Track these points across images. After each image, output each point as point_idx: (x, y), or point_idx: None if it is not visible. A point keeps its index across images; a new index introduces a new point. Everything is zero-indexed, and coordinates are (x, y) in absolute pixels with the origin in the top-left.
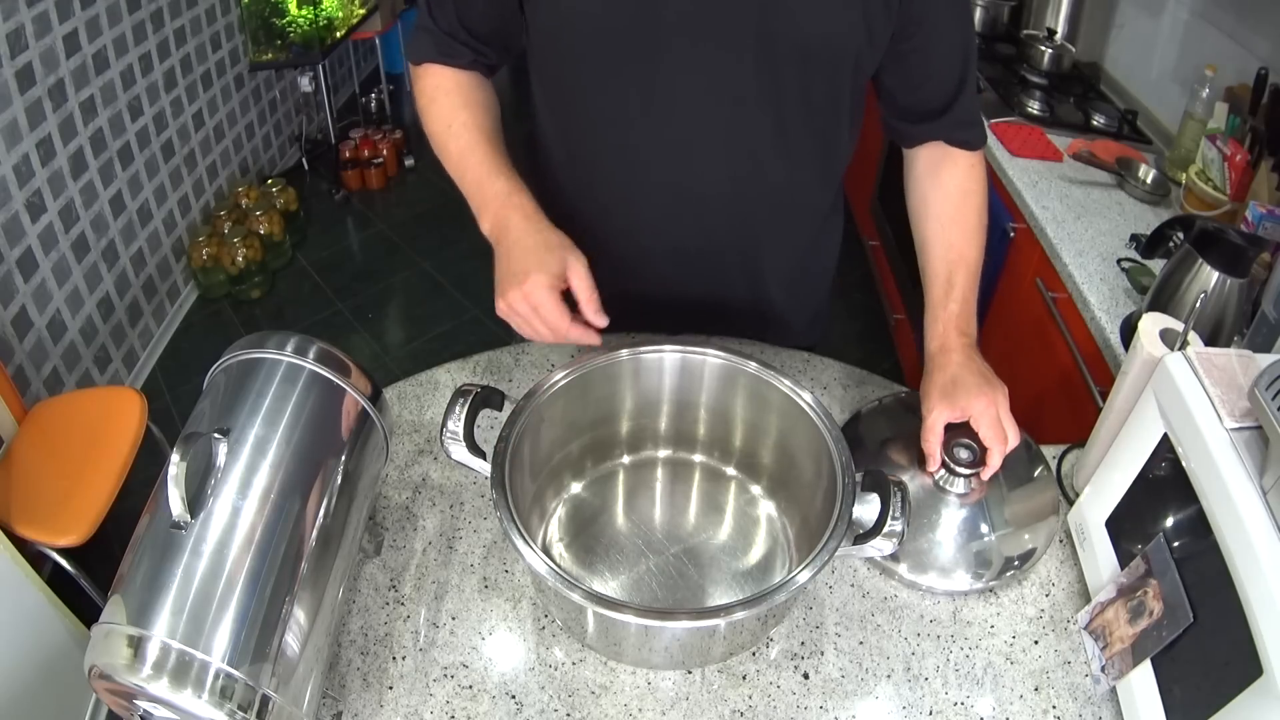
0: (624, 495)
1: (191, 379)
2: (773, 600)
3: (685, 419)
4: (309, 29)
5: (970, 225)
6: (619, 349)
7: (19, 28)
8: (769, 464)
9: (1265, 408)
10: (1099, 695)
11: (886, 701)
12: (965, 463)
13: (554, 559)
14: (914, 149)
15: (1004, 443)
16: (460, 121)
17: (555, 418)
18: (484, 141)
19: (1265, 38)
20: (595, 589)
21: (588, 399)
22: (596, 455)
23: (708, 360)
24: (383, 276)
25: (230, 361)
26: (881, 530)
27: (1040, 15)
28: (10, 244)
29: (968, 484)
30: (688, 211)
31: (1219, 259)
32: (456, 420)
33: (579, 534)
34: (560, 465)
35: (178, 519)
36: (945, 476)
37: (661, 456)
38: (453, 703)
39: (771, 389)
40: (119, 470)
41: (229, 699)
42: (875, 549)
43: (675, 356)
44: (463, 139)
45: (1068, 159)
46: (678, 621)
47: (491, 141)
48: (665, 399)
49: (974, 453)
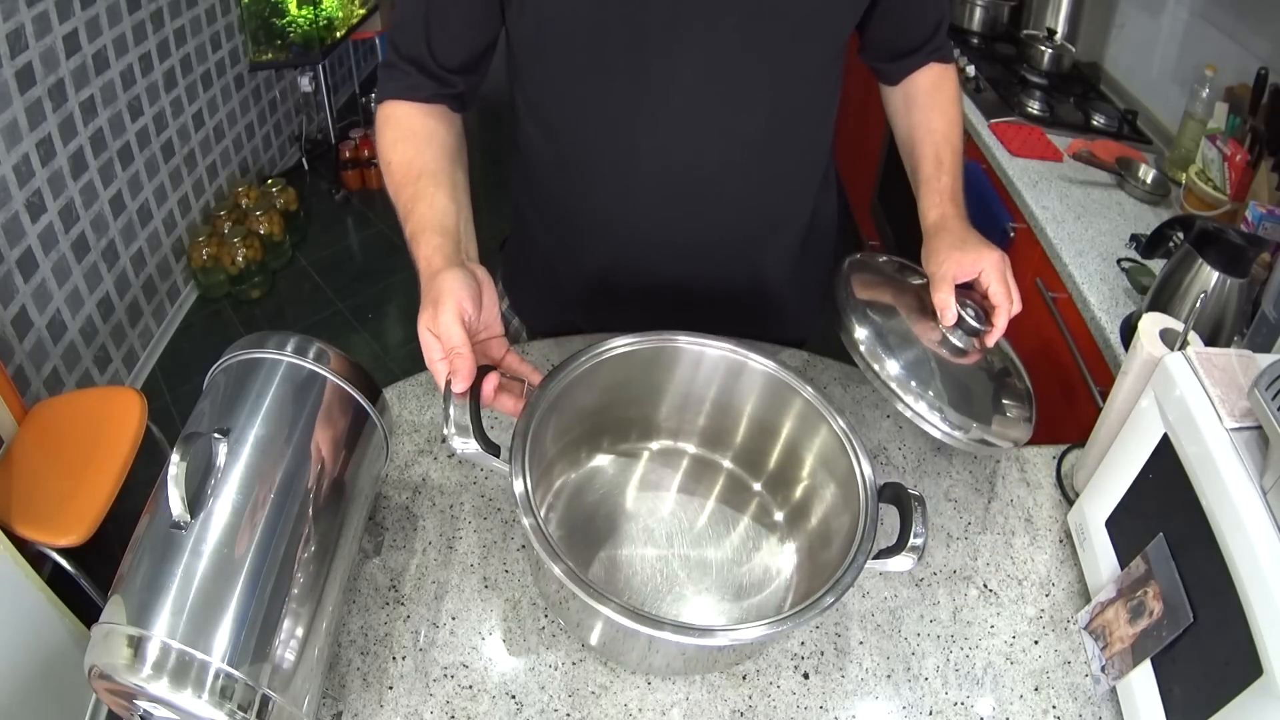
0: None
1: (191, 379)
2: (800, 620)
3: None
4: (309, 29)
5: (950, 113)
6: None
7: (19, 28)
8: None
9: (1265, 408)
10: (1099, 695)
11: (886, 701)
12: (975, 319)
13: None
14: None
15: (1010, 302)
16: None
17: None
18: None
19: (1265, 38)
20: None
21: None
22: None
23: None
24: (383, 276)
25: (230, 361)
26: (905, 546)
27: (1040, 15)
28: (10, 244)
29: (972, 344)
30: (685, 199)
31: (1219, 259)
32: (462, 412)
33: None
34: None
35: (178, 519)
36: (953, 333)
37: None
38: (453, 703)
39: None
40: (119, 470)
41: (229, 699)
42: (897, 565)
43: (717, 354)
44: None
45: (1068, 159)
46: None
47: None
48: (707, 397)
49: (979, 314)
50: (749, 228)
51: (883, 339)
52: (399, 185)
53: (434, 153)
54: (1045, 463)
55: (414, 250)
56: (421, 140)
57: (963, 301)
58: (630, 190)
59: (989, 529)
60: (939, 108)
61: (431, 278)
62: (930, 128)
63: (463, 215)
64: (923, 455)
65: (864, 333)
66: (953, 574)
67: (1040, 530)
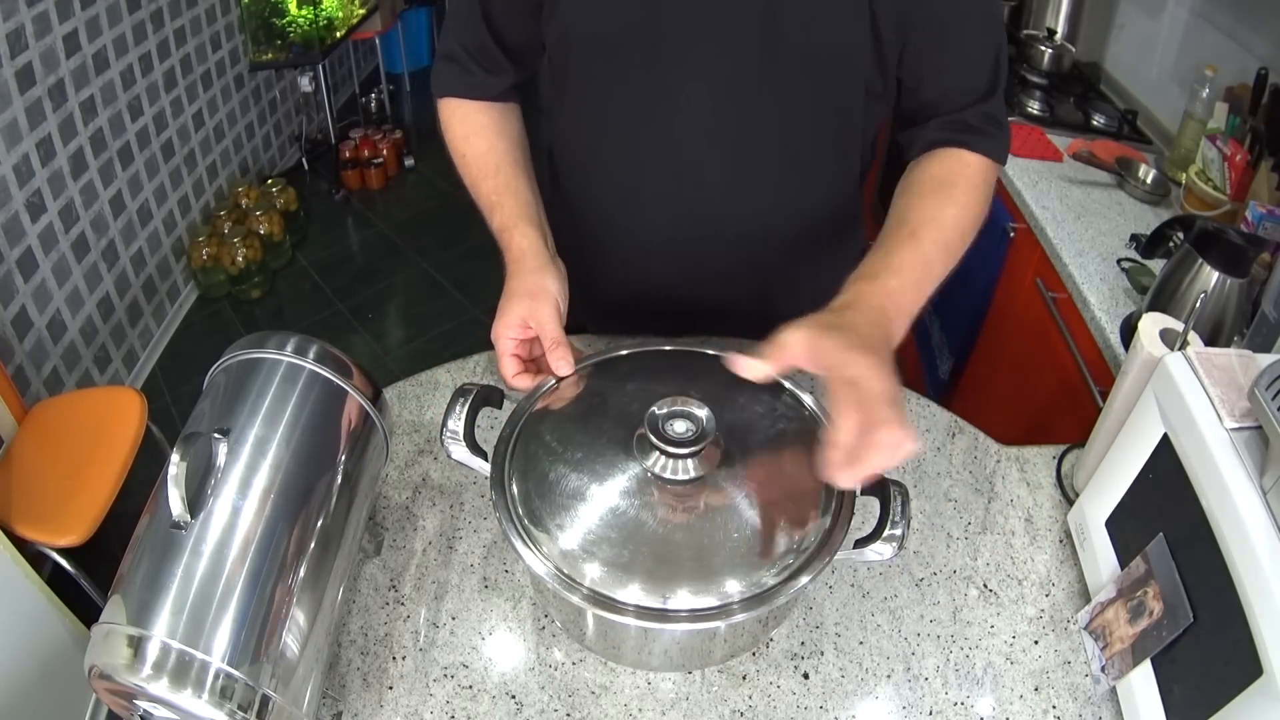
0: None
1: (191, 379)
2: (772, 602)
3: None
4: (309, 29)
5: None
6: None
7: (19, 28)
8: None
9: (1265, 408)
10: (1099, 695)
11: (886, 701)
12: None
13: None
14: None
15: (861, 453)
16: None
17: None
18: (504, 181)
19: (1265, 38)
20: (595, 587)
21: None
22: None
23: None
24: (383, 276)
25: (230, 361)
26: (881, 535)
27: (1040, 15)
28: (10, 244)
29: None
30: (692, 220)
31: (1219, 259)
32: (457, 419)
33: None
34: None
35: (178, 519)
36: None
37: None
38: (453, 703)
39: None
40: (119, 470)
41: (229, 699)
42: (875, 553)
43: (675, 352)
44: (479, 176)
45: (1068, 159)
46: (676, 625)
47: (513, 173)
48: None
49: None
50: (755, 249)
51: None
52: (478, 178)
53: (506, 145)
54: (1045, 463)
55: (505, 239)
56: (493, 133)
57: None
58: (639, 204)
59: (989, 529)
60: (946, 197)
61: (531, 271)
62: (919, 207)
63: (541, 206)
64: (922, 456)
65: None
66: (953, 574)
67: (1040, 530)
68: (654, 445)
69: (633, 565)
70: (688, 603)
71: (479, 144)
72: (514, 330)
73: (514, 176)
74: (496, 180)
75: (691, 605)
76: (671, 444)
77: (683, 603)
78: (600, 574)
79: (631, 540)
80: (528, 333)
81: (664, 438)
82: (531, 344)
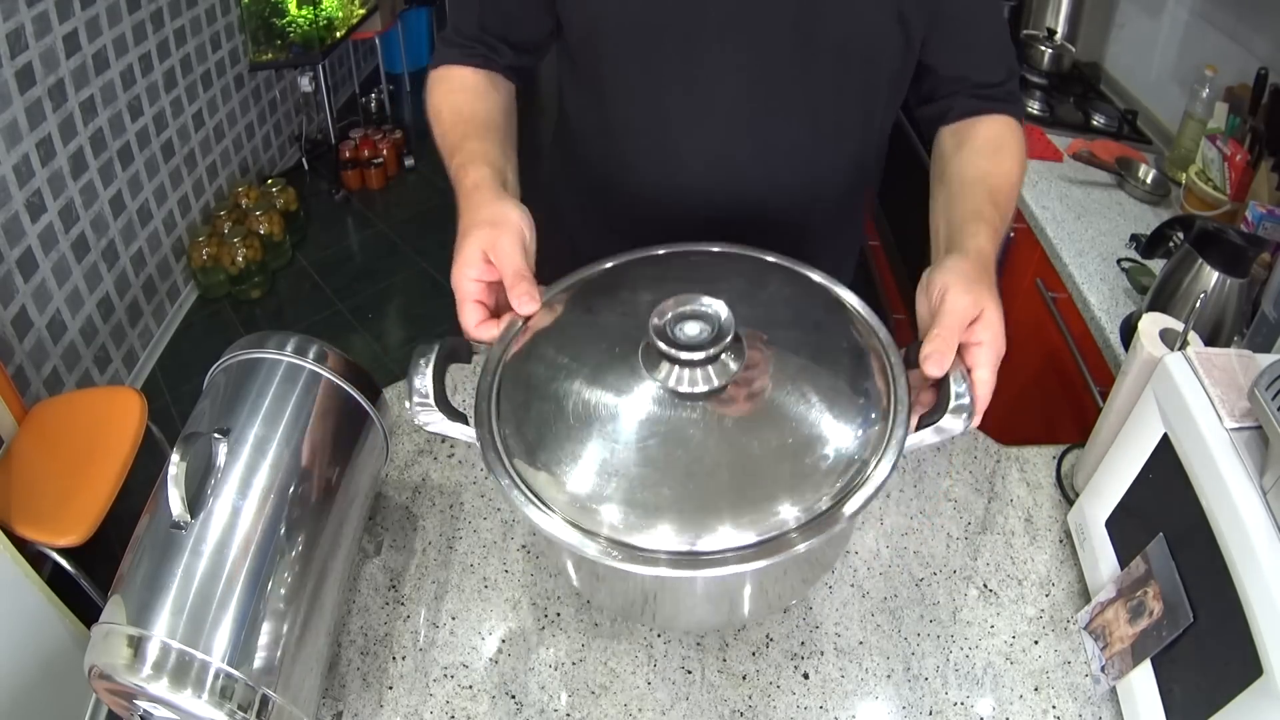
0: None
1: (191, 379)
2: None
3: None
4: (309, 29)
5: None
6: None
7: (19, 28)
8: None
9: (1265, 408)
10: (1099, 695)
11: (886, 701)
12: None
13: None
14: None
15: (991, 386)
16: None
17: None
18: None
19: (1265, 38)
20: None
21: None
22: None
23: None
24: (383, 276)
25: (230, 361)
26: (947, 407)
27: (1040, 15)
28: (10, 244)
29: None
30: (725, 210)
31: (1219, 259)
32: (423, 378)
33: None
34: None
35: (178, 519)
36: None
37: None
38: (453, 703)
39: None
40: (119, 470)
41: (229, 699)
42: (944, 431)
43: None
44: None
45: (1068, 159)
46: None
47: (484, 127)
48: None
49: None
50: (775, 231)
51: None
52: (448, 128)
53: (487, 106)
54: (1045, 463)
55: (460, 179)
56: (476, 94)
57: None
58: (672, 196)
59: (989, 529)
60: (1001, 158)
61: (489, 201)
62: (986, 172)
63: (511, 165)
64: (922, 455)
65: None
66: (953, 574)
67: (1040, 530)
68: (663, 354)
69: (659, 505)
70: (730, 540)
71: (458, 99)
72: (475, 268)
73: (485, 130)
74: (467, 128)
75: (735, 543)
76: (684, 349)
77: (724, 541)
78: (620, 521)
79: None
80: (491, 273)
81: (674, 344)
82: (497, 290)
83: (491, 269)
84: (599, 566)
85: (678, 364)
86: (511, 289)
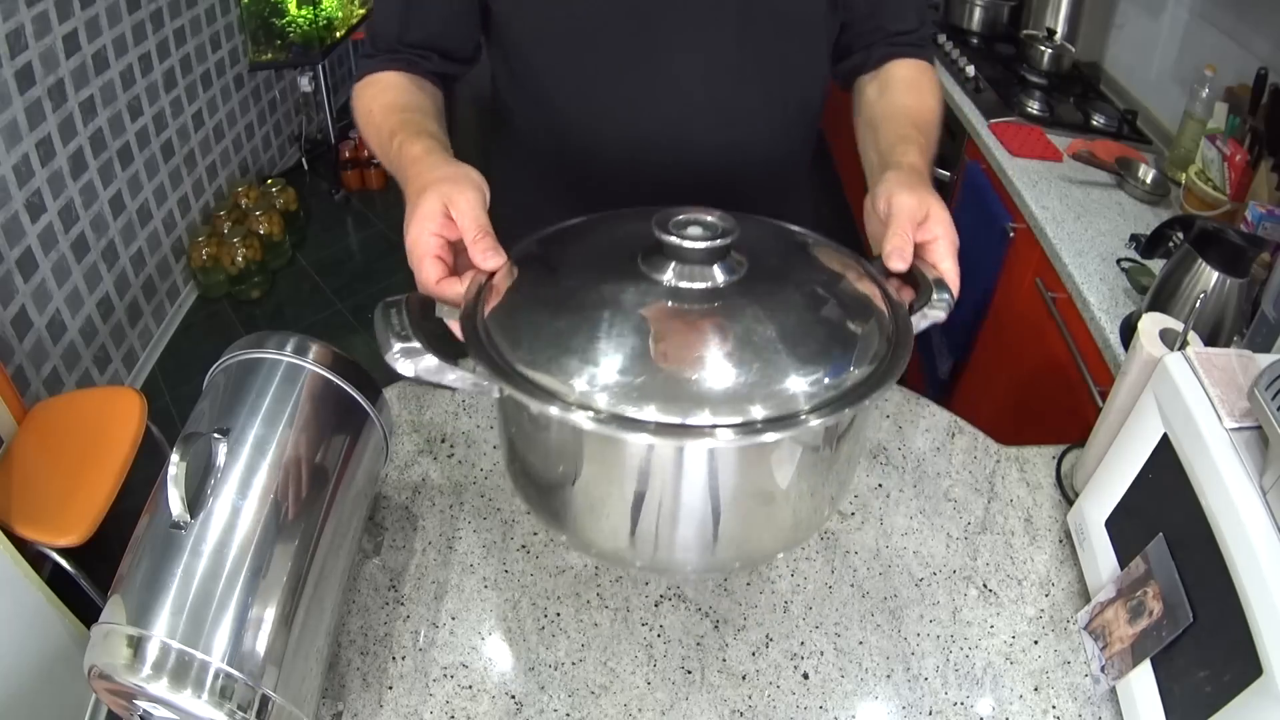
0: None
1: (191, 379)
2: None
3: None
4: (309, 29)
5: (931, 103)
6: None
7: (19, 28)
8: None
9: (1265, 408)
10: (1099, 695)
11: (886, 701)
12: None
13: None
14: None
15: (958, 273)
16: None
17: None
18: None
19: (1265, 38)
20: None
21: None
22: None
23: None
24: (383, 276)
25: (230, 361)
26: (930, 299)
27: (1040, 15)
28: (10, 244)
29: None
30: (686, 183)
31: (1219, 259)
32: (399, 318)
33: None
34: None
35: (177, 519)
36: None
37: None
38: (452, 703)
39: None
40: (119, 470)
41: (229, 699)
42: (929, 317)
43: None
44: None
45: (1067, 159)
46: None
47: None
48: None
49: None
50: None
51: None
52: (380, 120)
53: (419, 99)
54: (1045, 463)
55: (402, 153)
56: (405, 91)
57: None
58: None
59: (989, 529)
60: (920, 94)
61: (437, 165)
62: (907, 105)
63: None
64: (922, 455)
65: None
66: (953, 574)
67: (1040, 530)
68: (670, 248)
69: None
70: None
71: (388, 97)
72: (434, 222)
73: (420, 117)
74: (401, 117)
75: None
76: (690, 240)
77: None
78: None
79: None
80: (450, 229)
81: (682, 237)
82: (456, 250)
83: (451, 225)
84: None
85: (681, 259)
86: (475, 244)
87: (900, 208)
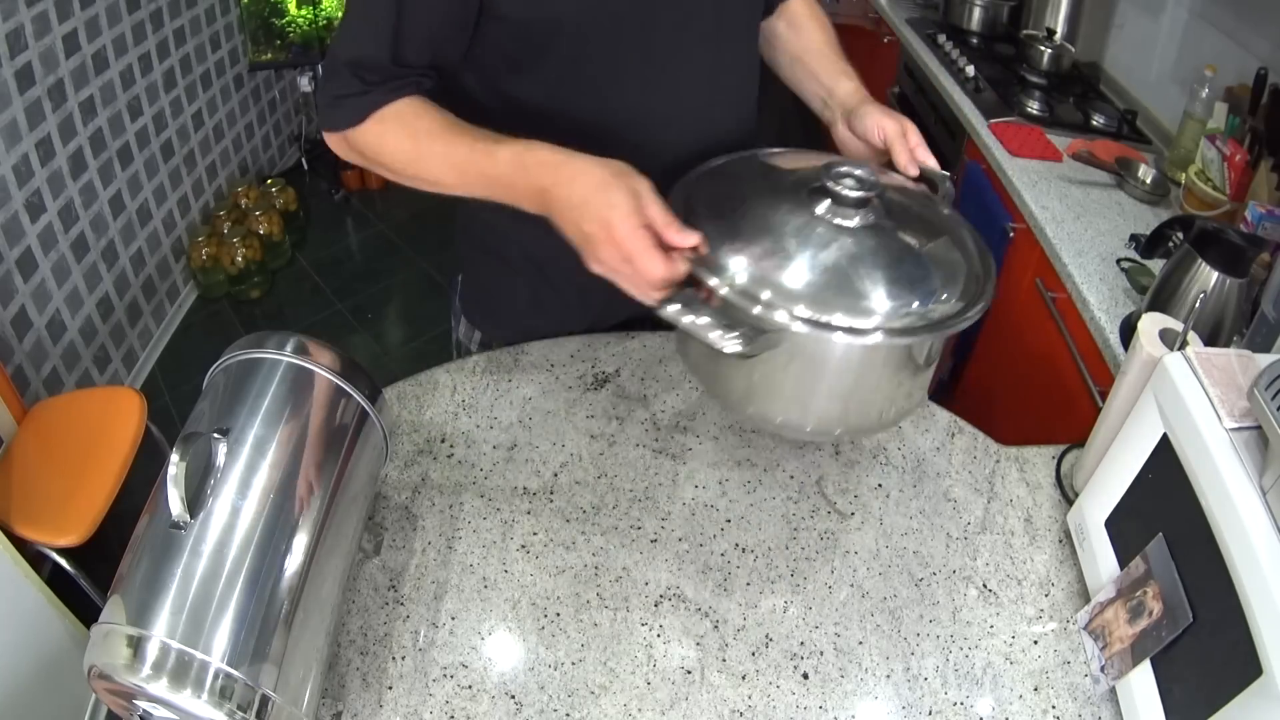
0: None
1: (191, 379)
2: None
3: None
4: (308, 29)
5: (831, 31)
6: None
7: (19, 28)
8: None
9: (1265, 408)
10: (1099, 695)
11: (886, 701)
12: None
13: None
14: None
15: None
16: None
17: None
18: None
19: (1265, 38)
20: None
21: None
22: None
23: None
24: (383, 276)
25: (230, 361)
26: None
27: (1040, 15)
28: (10, 244)
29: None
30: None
31: (1218, 259)
32: (700, 307)
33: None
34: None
35: (177, 519)
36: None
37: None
38: (452, 703)
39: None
40: (119, 470)
41: (229, 699)
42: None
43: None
44: (437, 151)
45: (1067, 159)
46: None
47: (464, 129)
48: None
49: None
50: None
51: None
52: (443, 147)
53: (453, 117)
54: (1045, 463)
55: (516, 163)
56: (438, 111)
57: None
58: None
59: (989, 529)
60: (823, 26)
61: (576, 158)
62: (821, 40)
63: None
64: (922, 455)
65: None
66: (952, 574)
67: (1040, 530)
68: (830, 193)
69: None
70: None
71: (427, 123)
72: (639, 216)
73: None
74: (466, 132)
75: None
76: (848, 189)
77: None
78: (805, 297)
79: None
80: (660, 225)
81: (841, 184)
82: None
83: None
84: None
85: (838, 201)
86: (667, 228)
87: (889, 130)
